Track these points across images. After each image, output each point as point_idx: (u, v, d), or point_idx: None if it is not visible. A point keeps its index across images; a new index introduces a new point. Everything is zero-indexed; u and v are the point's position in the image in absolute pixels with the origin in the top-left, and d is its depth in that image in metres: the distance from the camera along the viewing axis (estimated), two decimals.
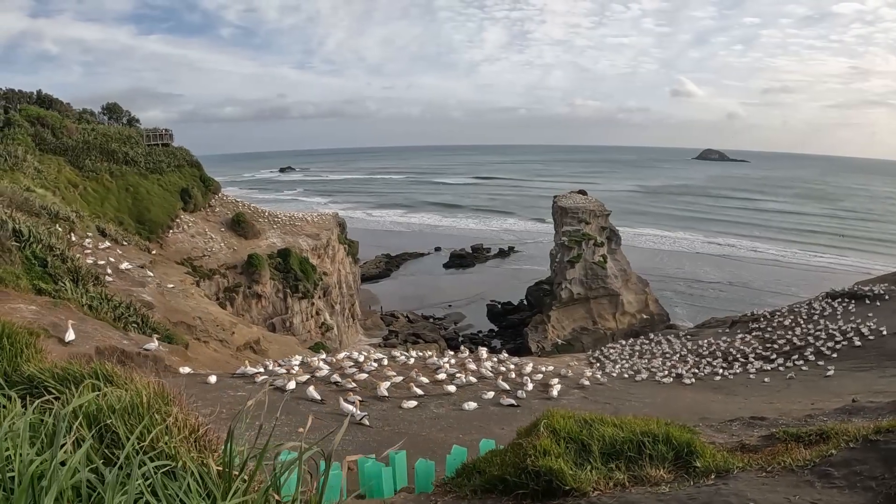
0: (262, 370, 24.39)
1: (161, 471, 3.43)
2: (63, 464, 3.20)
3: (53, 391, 4.94)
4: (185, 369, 23.12)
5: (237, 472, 3.59)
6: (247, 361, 27.31)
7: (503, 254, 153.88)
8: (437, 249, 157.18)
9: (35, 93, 75.61)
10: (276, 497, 3.44)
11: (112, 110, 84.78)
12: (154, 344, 23.90)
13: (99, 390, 4.54)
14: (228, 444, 3.55)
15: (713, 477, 6.83)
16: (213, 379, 21.60)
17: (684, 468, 7.11)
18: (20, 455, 3.19)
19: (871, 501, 5.91)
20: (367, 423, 18.02)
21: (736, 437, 9.90)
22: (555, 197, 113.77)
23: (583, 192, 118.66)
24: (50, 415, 3.97)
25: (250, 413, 4.20)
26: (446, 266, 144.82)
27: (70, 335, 20.29)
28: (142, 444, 3.74)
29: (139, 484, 3.18)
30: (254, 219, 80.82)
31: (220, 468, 3.65)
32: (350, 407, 18.67)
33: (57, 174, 59.70)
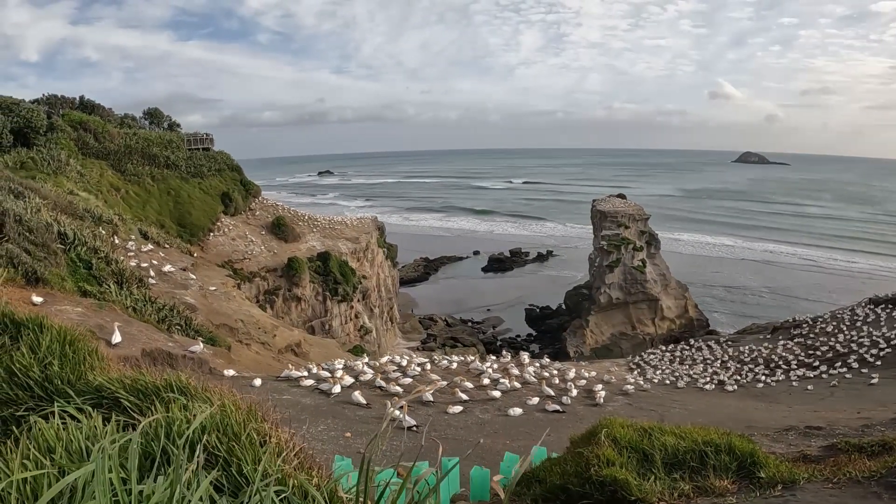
0: (306, 374, 24.36)
1: (279, 497, 3.30)
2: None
3: (126, 402, 4.85)
4: (230, 372, 23.22)
5: (372, 501, 3.50)
6: (290, 364, 27.45)
7: (541, 258, 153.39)
8: (476, 253, 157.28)
9: (77, 98, 76.54)
10: None
11: (153, 115, 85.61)
12: (199, 346, 24.03)
13: (186, 408, 4.41)
14: (366, 471, 3.44)
15: (779, 488, 6.73)
16: (257, 382, 21.68)
17: (748, 479, 7.04)
18: (126, 484, 3.02)
19: None
20: (415, 429, 18.00)
21: (794, 448, 9.78)
22: (593, 201, 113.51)
23: (622, 196, 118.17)
24: (133, 430, 3.83)
25: (296, 417, 4.15)
26: (484, 270, 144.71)
27: (117, 337, 20.43)
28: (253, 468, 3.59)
29: None
30: (293, 222, 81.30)
31: (348, 496, 3.57)
32: (398, 412, 18.67)
33: (99, 178, 60.48)
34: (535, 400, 23.98)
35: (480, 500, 8.59)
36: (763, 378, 45.27)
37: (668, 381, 43.11)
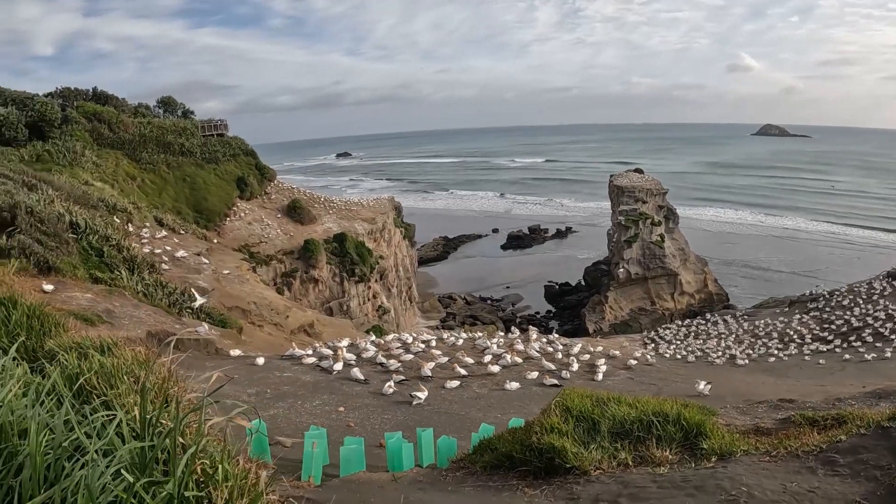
0: (309, 352, 24.83)
1: (104, 418, 3.79)
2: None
3: (62, 359, 5.45)
4: (236, 352, 23.72)
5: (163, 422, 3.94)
6: (294, 343, 27.88)
7: (560, 234, 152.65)
8: (495, 231, 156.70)
9: (91, 90, 76.99)
10: (181, 440, 3.72)
11: (167, 103, 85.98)
12: (204, 328, 24.57)
13: (86, 357, 5.15)
14: (143, 399, 3.84)
15: (714, 459, 6.86)
16: (260, 360, 22.18)
17: (691, 450, 7.18)
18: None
19: (873, 492, 5.71)
20: (417, 398, 18.42)
21: (759, 420, 9.86)
22: (611, 176, 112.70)
23: (639, 171, 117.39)
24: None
25: (293, 392, 4.54)
26: (503, 247, 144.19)
27: (122, 320, 20.92)
28: (104, 398, 4.26)
29: (70, 419, 3.59)
30: (309, 205, 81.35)
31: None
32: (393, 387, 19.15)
33: (115, 168, 61.28)
34: (535, 374, 24.30)
35: (441, 467, 8.89)
36: (776, 352, 45.29)
37: (679, 356, 43.22)
